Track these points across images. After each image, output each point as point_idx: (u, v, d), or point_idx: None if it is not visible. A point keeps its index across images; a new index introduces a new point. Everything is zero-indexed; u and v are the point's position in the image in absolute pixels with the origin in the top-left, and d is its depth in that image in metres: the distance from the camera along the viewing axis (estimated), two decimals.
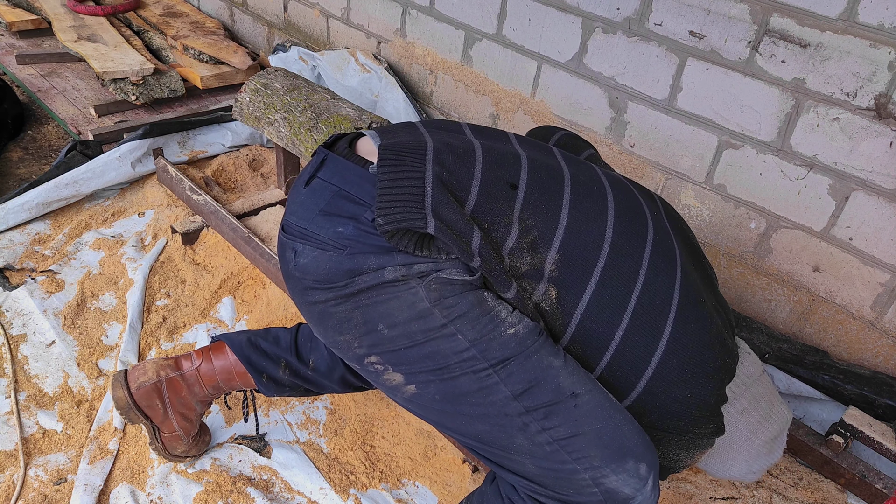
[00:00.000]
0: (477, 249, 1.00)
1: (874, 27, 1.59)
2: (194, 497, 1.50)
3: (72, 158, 2.37)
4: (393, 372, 1.06)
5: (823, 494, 1.72)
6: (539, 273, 1.02)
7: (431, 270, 1.00)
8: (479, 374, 1.00)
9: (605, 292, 1.02)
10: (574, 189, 1.08)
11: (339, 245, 1.03)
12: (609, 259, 1.03)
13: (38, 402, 1.69)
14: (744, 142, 1.92)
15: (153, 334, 1.93)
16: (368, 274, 1.01)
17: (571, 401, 0.99)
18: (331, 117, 2.07)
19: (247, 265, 2.16)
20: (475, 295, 1.01)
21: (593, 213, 1.07)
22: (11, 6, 3.62)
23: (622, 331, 1.02)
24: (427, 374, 1.03)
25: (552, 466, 1.00)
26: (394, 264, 1.00)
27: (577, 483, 1.00)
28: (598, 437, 0.99)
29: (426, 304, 1.00)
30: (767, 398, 1.22)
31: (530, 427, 1.00)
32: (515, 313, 1.02)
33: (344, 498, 1.55)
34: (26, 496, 1.48)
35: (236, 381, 1.47)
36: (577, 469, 0.99)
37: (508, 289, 1.02)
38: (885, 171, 1.69)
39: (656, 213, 1.15)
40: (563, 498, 1.02)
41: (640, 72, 2.07)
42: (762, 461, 1.21)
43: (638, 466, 1.00)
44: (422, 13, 2.65)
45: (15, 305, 1.93)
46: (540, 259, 1.02)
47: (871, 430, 1.67)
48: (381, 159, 1.05)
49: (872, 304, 1.81)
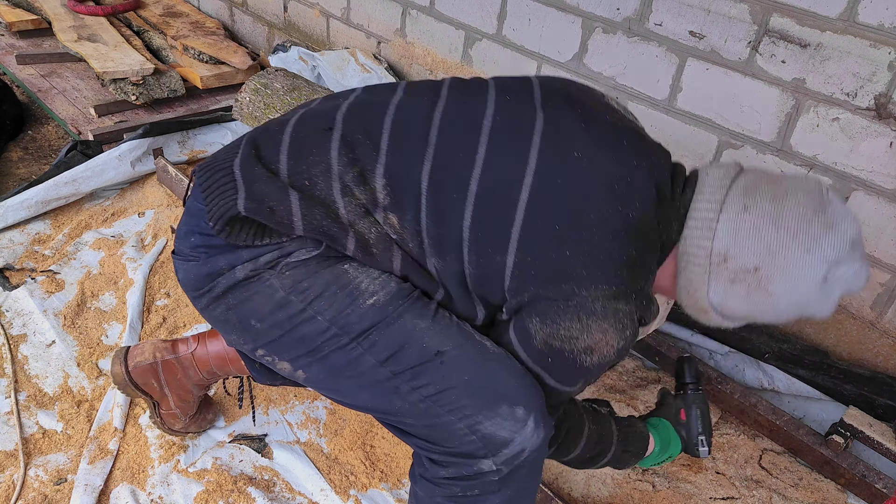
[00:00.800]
0: (299, 213, 1.02)
1: (874, 27, 1.60)
2: (195, 497, 1.50)
3: (72, 158, 2.37)
4: (280, 361, 1.12)
5: (823, 494, 1.72)
6: (375, 204, 1.03)
7: (279, 257, 1.04)
8: (345, 348, 1.05)
9: (438, 196, 1.02)
10: (443, 118, 1.07)
11: (195, 256, 1.10)
12: (436, 160, 1.03)
13: (38, 402, 1.69)
14: (744, 142, 1.92)
15: (153, 334, 1.92)
16: (223, 275, 1.07)
17: (437, 359, 1.04)
18: None
19: None
20: (331, 271, 1.04)
21: (420, 130, 1.05)
22: (11, 6, 3.62)
23: (469, 220, 1.01)
24: (305, 358, 1.08)
25: (431, 422, 1.05)
26: (241, 262, 1.05)
27: (456, 434, 1.05)
28: (467, 388, 1.04)
29: (282, 293, 1.04)
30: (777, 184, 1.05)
31: (401, 389, 1.05)
32: (380, 279, 1.05)
33: (344, 499, 1.55)
34: (26, 496, 1.48)
35: (230, 366, 1.49)
36: (452, 420, 1.04)
37: (346, 241, 1.03)
38: (885, 171, 1.69)
39: (513, 94, 1.10)
40: (449, 450, 1.06)
41: (640, 72, 2.07)
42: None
43: (513, 410, 1.03)
44: (422, 13, 2.65)
45: (15, 305, 1.93)
46: (371, 190, 1.03)
47: (871, 430, 1.67)
48: (198, 167, 1.12)
49: (872, 304, 1.81)
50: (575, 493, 1.61)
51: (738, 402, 1.83)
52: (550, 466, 1.65)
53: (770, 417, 1.78)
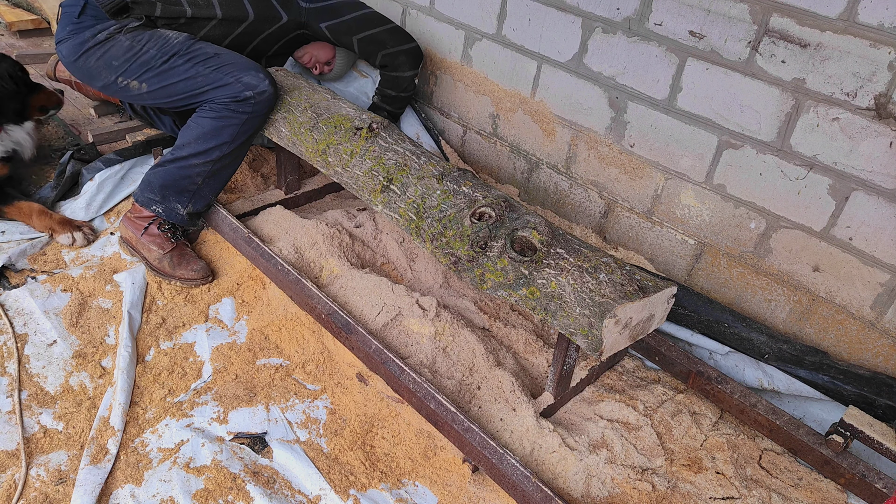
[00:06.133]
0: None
1: (874, 27, 1.59)
2: (194, 494, 1.51)
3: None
4: (132, 81, 2.10)
5: (823, 494, 1.72)
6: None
7: (123, 26, 2.11)
8: (167, 62, 2.06)
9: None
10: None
11: (69, 36, 2.14)
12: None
13: (40, 402, 1.69)
14: (744, 142, 1.92)
15: (153, 334, 1.93)
16: (92, 39, 2.10)
17: (216, 57, 2.08)
18: (331, 117, 2.07)
19: (247, 265, 2.16)
20: (153, 31, 2.11)
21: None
22: (11, 6, 3.62)
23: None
24: (146, 74, 2.08)
25: (219, 81, 2.05)
26: (102, 31, 2.10)
27: (227, 82, 2.04)
28: (234, 65, 2.07)
29: (128, 43, 2.08)
30: None
31: (202, 71, 2.05)
32: (184, 35, 2.12)
33: (344, 499, 1.55)
34: (28, 496, 1.48)
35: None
36: (222, 76, 2.05)
37: (154, 9, 2.14)
38: (885, 171, 1.69)
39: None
40: (224, 92, 2.04)
41: (639, 72, 2.07)
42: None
43: (258, 73, 2.07)
44: (422, 13, 2.65)
45: (16, 305, 1.93)
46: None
47: (871, 430, 1.67)
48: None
49: (872, 304, 1.81)
50: (575, 493, 1.61)
51: (738, 402, 1.83)
52: (550, 466, 1.65)
53: (770, 417, 1.78)
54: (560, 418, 1.83)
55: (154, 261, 2.10)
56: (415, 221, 1.79)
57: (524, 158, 2.54)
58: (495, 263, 1.64)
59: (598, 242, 2.36)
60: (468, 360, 1.86)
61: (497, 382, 1.80)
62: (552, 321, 1.57)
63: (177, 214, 2.11)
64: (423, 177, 1.83)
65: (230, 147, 2.08)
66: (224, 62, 2.07)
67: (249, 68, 2.06)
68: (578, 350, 1.77)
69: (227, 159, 2.12)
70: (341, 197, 2.62)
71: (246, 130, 2.09)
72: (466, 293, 2.18)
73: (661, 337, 2.00)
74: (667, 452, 1.77)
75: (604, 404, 1.86)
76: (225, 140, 2.06)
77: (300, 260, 2.14)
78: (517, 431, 1.69)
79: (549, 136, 2.42)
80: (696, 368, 1.91)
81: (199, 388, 1.79)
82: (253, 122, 2.09)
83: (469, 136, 2.72)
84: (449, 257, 1.71)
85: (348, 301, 2.00)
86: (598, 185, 2.32)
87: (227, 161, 2.12)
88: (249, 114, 2.06)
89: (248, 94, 2.03)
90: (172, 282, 2.08)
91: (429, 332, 1.89)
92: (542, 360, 1.97)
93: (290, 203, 2.45)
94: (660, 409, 1.87)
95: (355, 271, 2.08)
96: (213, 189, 2.16)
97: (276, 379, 1.85)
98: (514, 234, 1.65)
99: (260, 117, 2.10)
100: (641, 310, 1.55)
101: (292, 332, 1.97)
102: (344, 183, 2.01)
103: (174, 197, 2.10)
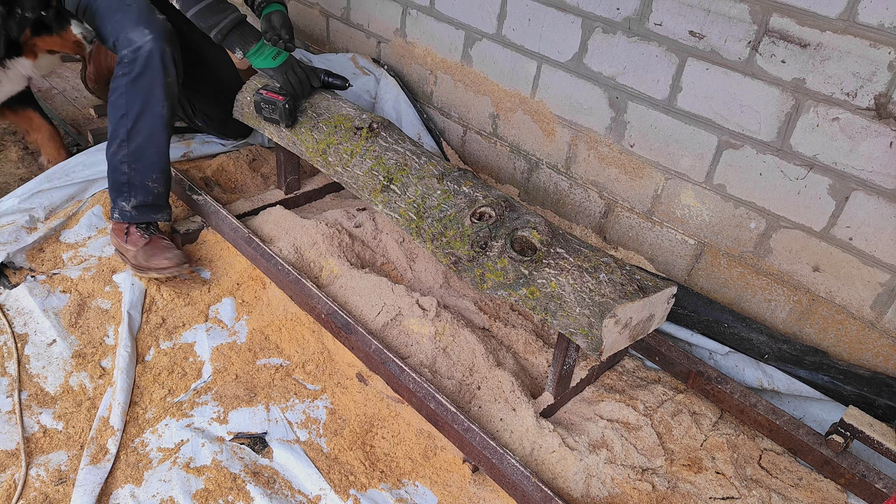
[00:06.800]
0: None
1: (874, 27, 1.60)
2: (194, 494, 1.50)
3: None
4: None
5: (823, 494, 1.72)
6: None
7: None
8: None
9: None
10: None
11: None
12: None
13: (40, 402, 1.69)
14: (744, 142, 1.92)
15: (153, 334, 1.93)
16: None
17: (125, 6, 1.92)
18: (331, 117, 2.07)
19: (247, 265, 2.16)
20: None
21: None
22: None
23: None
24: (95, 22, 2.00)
25: (108, 37, 1.94)
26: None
27: (116, 40, 1.91)
28: (128, 18, 1.89)
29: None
30: None
31: (106, 23, 1.94)
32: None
33: (344, 498, 1.55)
34: (28, 496, 1.48)
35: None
36: (113, 32, 1.91)
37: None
38: (885, 171, 1.69)
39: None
40: (123, 36, 1.90)
41: (640, 72, 2.07)
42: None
43: (144, 27, 1.87)
44: (422, 13, 2.65)
45: (16, 304, 1.93)
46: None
47: (871, 430, 1.67)
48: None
49: (872, 304, 1.81)
50: (575, 493, 1.61)
51: (738, 402, 1.83)
52: (550, 466, 1.65)
53: (770, 417, 1.78)
54: (560, 418, 1.83)
55: (132, 259, 2.03)
56: (415, 221, 1.80)
57: (524, 158, 2.54)
58: (495, 263, 1.64)
59: (598, 242, 2.36)
60: (468, 360, 1.86)
61: (497, 382, 1.80)
62: (552, 321, 1.57)
63: (126, 212, 2.02)
64: (424, 176, 1.84)
65: (130, 120, 1.90)
66: (127, 13, 1.88)
67: (139, 22, 1.86)
68: (578, 350, 1.77)
69: (137, 136, 1.92)
70: (341, 197, 2.62)
71: (137, 96, 1.88)
72: (466, 293, 2.18)
73: (661, 337, 2.00)
74: (667, 452, 1.77)
75: (604, 404, 1.86)
76: (122, 112, 1.90)
77: (300, 260, 2.14)
78: (517, 431, 1.69)
79: (549, 136, 2.42)
80: (696, 368, 1.91)
81: (199, 388, 1.79)
82: (141, 85, 1.87)
83: (469, 136, 2.72)
84: (449, 257, 1.71)
85: (348, 301, 2.00)
86: (598, 185, 2.33)
87: (138, 140, 1.92)
88: (130, 76, 1.86)
89: (125, 52, 1.86)
90: (150, 274, 2.01)
91: (429, 332, 1.89)
92: (542, 360, 1.97)
93: (290, 203, 2.45)
94: (660, 409, 1.87)
95: (355, 271, 2.08)
96: (145, 175, 1.99)
97: (276, 379, 1.85)
98: (514, 233, 1.65)
99: (149, 79, 1.88)
100: (641, 310, 1.55)
101: (292, 332, 1.97)
102: (344, 183, 2.01)
103: (116, 195, 2.02)
